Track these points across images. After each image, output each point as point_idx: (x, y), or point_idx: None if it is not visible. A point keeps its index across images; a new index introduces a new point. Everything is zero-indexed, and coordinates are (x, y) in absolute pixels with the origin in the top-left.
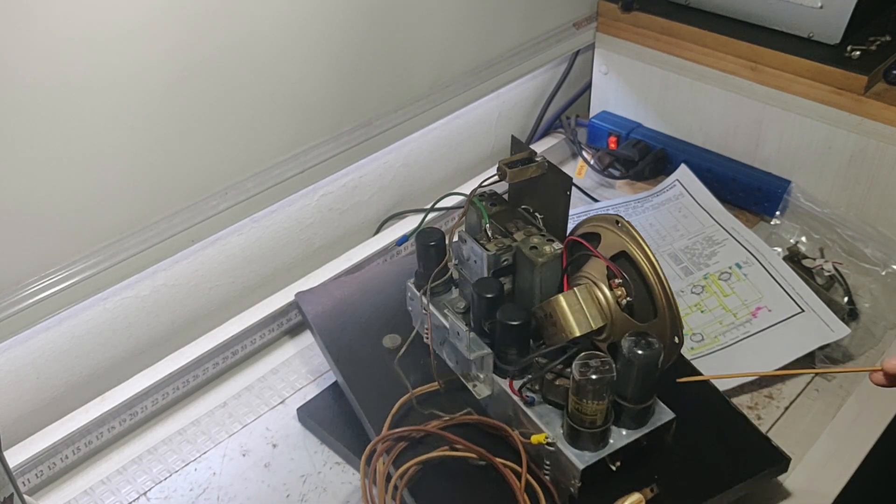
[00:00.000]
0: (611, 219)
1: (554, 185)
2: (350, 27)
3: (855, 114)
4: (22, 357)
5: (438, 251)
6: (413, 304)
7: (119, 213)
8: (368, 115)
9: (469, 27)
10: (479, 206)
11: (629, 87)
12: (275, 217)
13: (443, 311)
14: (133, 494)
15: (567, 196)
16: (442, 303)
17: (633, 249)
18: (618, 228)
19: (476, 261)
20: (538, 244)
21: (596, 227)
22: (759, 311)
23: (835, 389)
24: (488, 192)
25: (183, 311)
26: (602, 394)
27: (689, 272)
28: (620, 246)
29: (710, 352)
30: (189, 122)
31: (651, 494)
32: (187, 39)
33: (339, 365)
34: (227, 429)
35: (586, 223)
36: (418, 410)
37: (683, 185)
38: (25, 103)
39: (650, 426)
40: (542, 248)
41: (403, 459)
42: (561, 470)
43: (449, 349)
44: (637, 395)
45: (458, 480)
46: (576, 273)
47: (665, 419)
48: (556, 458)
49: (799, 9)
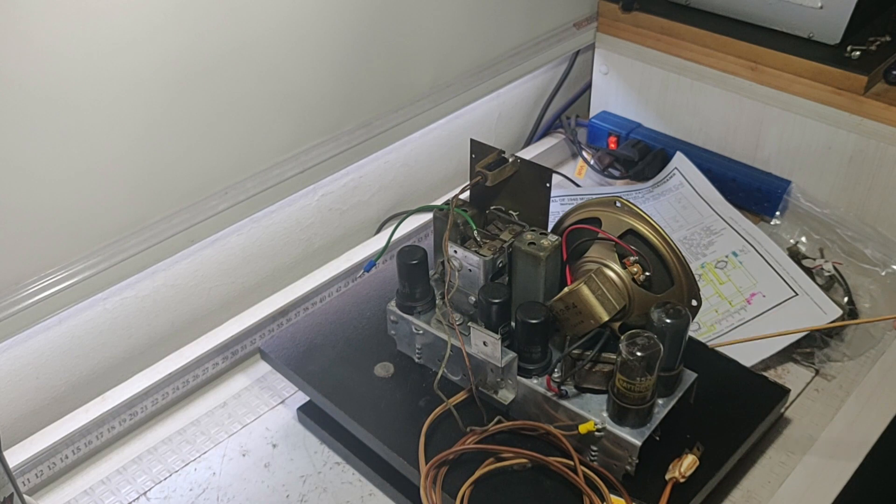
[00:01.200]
0: (609, 201)
1: (532, 179)
2: (350, 27)
3: (855, 114)
4: (22, 357)
5: (423, 268)
6: (398, 326)
7: (119, 213)
8: (369, 115)
9: (469, 27)
10: (464, 215)
11: (629, 87)
12: (275, 217)
13: (440, 329)
14: (133, 494)
15: (548, 188)
16: (434, 320)
17: (640, 226)
18: (618, 209)
19: (472, 269)
20: (534, 239)
21: (593, 212)
22: (754, 297)
23: (835, 389)
24: (452, 200)
25: (183, 311)
26: (651, 368)
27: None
28: (625, 225)
29: (706, 340)
30: (189, 122)
31: (699, 452)
32: (187, 40)
33: (339, 404)
34: (227, 429)
35: (580, 210)
36: (457, 427)
37: (682, 174)
38: (26, 103)
39: (680, 390)
40: (539, 242)
41: (454, 484)
42: (611, 453)
43: (451, 365)
44: (671, 363)
45: (512, 490)
46: (578, 261)
47: (690, 380)
48: (605, 442)
49: (799, 9)
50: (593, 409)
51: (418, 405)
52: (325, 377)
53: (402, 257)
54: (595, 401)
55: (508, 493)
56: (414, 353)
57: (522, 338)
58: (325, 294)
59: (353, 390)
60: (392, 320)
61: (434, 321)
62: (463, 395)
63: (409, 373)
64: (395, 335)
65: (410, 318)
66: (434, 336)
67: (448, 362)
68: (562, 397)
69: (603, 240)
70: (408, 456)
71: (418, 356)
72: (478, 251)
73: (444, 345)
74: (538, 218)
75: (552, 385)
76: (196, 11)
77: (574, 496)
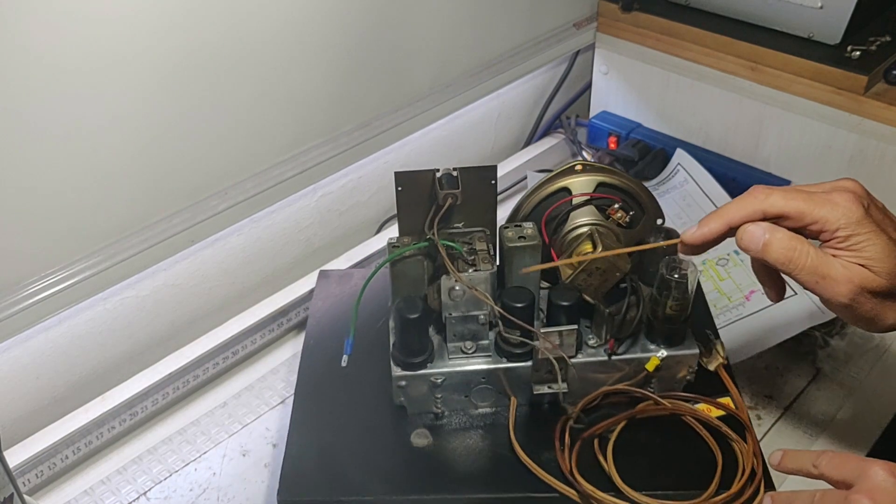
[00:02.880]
0: (570, 168)
1: (475, 183)
2: (350, 27)
3: (855, 114)
4: (22, 357)
5: (424, 319)
6: (409, 389)
7: (119, 213)
8: (368, 116)
9: (469, 27)
10: (450, 244)
11: (629, 87)
12: (274, 217)
13: (465, 363)
14: (133, 494)
15: (494, 185)
16: (448, 361)
17: (609, 177)
18: (584, 172)
19: (477, 289)
20: (512, 236)
21: (557, 183)
22: (753, 294)
23: (835, 389)
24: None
25: (183, 311)
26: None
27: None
28: (595, 181)
29: None
30: (189, 122)
31: (719, 341)
32: (187, 40)
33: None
34: (227, 429)
35: (542, 188)
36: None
37: (686, 170)
38: (26, 103)
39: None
40: (523, 234)
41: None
42: (670, 376)
43: (477, 396)
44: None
45: (650, 443)
46: (560, 236)
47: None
48: (663, 371)
49: (799, 9)
50: (645, 349)
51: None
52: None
53: (404, 311)
54: (638, 343)
55: (648, 445)
56: (433, 406)
57: (556, 322)
58: None
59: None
60: (401, 386)
61: (449, 363)
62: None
63: (443, 428)
64: (406, 401)
65: (427, 371)
66: (461, 374)
67: (474, 395)
68: (615, 354)
69: (579, 205)
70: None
71: (438, 406)
72: (476, 269)
73: (468, 379)
74: (488, 217)
75: (613, 347)
76: (196, 11)
77: (691, 431)
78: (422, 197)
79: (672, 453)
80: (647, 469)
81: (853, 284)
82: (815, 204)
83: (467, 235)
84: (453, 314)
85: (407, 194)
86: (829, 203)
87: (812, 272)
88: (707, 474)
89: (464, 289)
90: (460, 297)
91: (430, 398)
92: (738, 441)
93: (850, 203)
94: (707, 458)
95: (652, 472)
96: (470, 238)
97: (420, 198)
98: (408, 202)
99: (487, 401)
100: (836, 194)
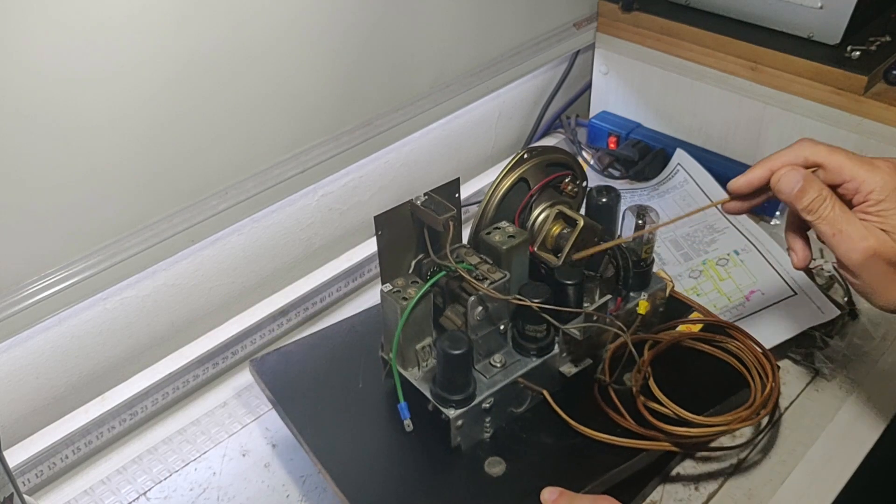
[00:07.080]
0: (517, 161)
1: (446, 199)
2: (350, 27)
3: (855, 114)
4: (22, 357)
5: (470, 352)
6: (464, 428)
7: (119, 213)
8: (369, 115)
9: (469, 27)
10: (463, 266)
11: (629, 87)
12: (275, 217)
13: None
14: (133, 494)
15: (458, 198)
16: (487, 385)
17: (553, 156)
18: (530, 160)
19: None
20: (501, 239)
21: (516, 176)
22: (753, 293)
23: (835, 389)
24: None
25: (183, 311)
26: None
27: (688, 258)
28: (545, 163)
29: None
30: (189, 122)
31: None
32: (187, 39)
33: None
34: (227, 429)
35: (501, 185)
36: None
37: (685, 170)
38: (25, 103)
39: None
40: (514, 234)
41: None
42: (651, 312)
43: (515, 402)
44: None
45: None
46: (532, 223)
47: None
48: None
49: (799, 9)
50: (635, 292)
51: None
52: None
53: (450, 347)
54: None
55: (678, 377)
56: (483, 433)
57: (573, 301)
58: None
59: None
60: (458, 426)
61: (491, 382)
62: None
63: (503, 448)
64: (462, 438)
65: (478, 400)
66: (508, 387)
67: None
68: (620, 307)
69: (541, 189)
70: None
71: (487, 430)
72: (492, 280)
73: (513, 390)
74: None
75: (620, 305)
76: (196, 12)
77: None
78: (403, 231)
79: (699, 374)
80: (694, 395)
81: (869, 245)
82: (857, 163)
83: (453, 254)
84: (479, 334)
85: (386, 236)
86: (870, 165)
87: (833, 223)
88: (732, 375)
89: (485, 306)
90: (483, 315)
91: (480, 425)
92: (728, 339)
93: (892, 171)
94: (720, 365)
95: (697, 395)
96: (457, 255)
97: (400, 235)
98: (389, 244)
99: (524, 403)
100: (880, 160)
